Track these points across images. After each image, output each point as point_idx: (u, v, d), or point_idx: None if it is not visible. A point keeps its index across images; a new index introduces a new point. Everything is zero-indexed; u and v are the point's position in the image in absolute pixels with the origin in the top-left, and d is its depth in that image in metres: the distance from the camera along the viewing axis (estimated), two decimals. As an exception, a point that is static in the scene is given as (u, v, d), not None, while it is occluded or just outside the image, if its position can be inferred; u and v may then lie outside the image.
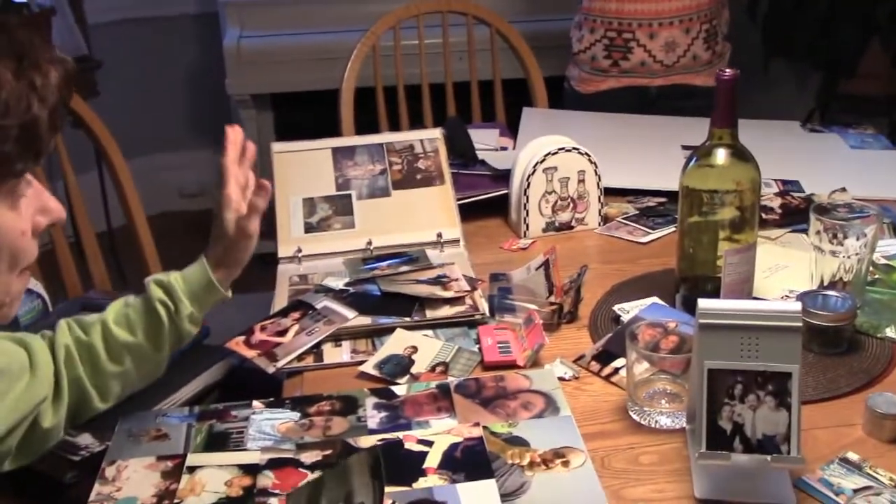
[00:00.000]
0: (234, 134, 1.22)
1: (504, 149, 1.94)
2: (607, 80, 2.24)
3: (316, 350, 1.27)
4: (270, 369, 1.23)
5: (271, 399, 1.17)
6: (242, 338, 1.29)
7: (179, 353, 1.23)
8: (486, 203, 1.67)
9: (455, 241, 1.55)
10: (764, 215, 1.56)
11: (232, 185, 1.19)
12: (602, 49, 2.21)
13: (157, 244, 1.84)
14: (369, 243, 1.53)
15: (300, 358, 1.25)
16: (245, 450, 1.07)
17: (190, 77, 3.69)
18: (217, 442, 1.09)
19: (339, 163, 1.62)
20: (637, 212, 1.66)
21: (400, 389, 1.17)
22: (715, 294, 1.23)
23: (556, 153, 1.56)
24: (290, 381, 1.23)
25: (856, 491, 0.93)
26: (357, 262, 1.48)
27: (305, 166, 1.62)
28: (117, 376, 1.12)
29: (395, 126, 2.23)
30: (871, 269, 1.32)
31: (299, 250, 1.52)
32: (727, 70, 1.17)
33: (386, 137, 1.68)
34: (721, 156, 1.21)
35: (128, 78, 3.47)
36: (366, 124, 2.16)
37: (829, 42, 3.09)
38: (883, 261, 1.38)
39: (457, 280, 1.39)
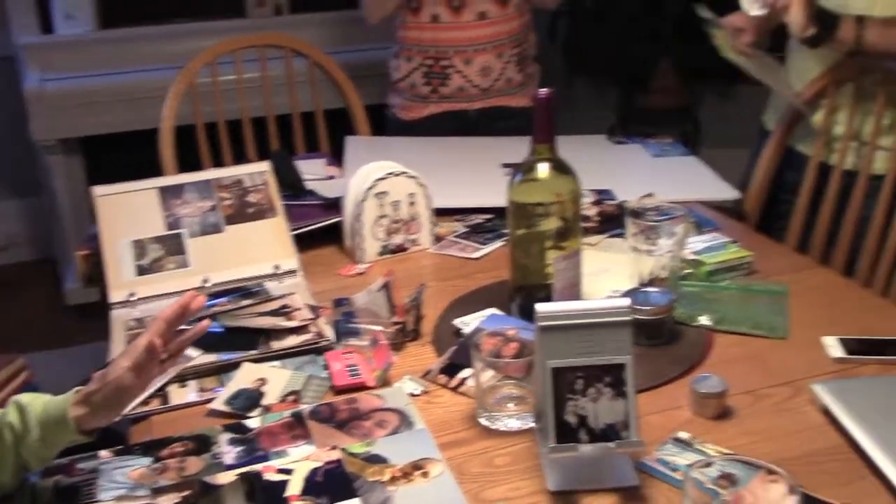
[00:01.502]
0: (191, 300, 1.08)
1: (332, 177, 1.96)
2: (428, 107, 2.31)
3: (161, 393, 1.24)
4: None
5: (119, 447, 1.14)
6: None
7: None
8: (320, 232, 1.69)
9: (293, 272, 1.56)
10: (583, 224, 1.66)
11: (149, 336, 1.05)
12: (421, 76, 2.28)
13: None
14: (206, 280, 1.51)
15: (145, 402, 1.22)
16: (98, 502, 1.03)
17: (-14, 124, 3.50)
18: (65, 498, 1.05)
19: (167, 202, 1.60)
20: (467, 229, 1.73)
21: (253, 422, 1.17)
22: (548, 300, 1.31)
23: (385, 178, 1.60)
24: (137, 428, 1.19)
25: (689, 465, 1.02)
26: (195, 301, 1.46)
27: (132, 208, 1.58)
28: None
29: (218, 163, 2.20)
30: (682, 264, 1.45)
31: (133, 294, 1.48)
32: (543, 90, 1.26)
33: (214, 174, 1.67)
34: (543, 170, 1.29)
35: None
36: (188, 163, 2.13)
37: (623, 60, 3.33)
38: (692, 256, 1.50)
39: (299, 309, 1.40)
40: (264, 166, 1.69)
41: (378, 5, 2.26)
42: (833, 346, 1.27)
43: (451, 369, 1.26)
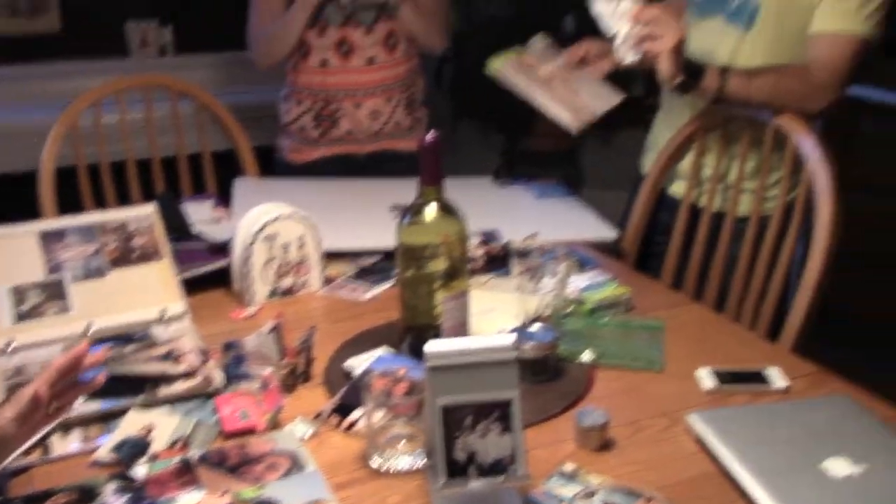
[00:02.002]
0: (86, 352, 1.05)
1: (219, 220, 1.95)
2: (318, 150, 2.33)
3: (43, 443, 1.20)
4: (-9, 471, 1.15)
5: (-2, 501, 1.10)
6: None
7: None
8: (208, 275, 1.68)
9: (180, 316, 1.54)
10: (470, 264, 1.71)
11: (35, 386, 1.01)
12: (311, 120, 2.30)
13: None
14: (89, 326, 1.48)
15: (26, 453, 1.18)
16: (-26, 559, 0.99)
17: None
18: (-61, 557, 1.00)
19: (47, 246, 1.55)
20: (357, 271, 1.75)
21: (140, 471, 1.14)
22: (437, 339, 1.33)
23: (275, 220, 1.61)
24: (17, 481, 1.15)
25: (574, 496, 1.06)
26: (77, 348, 1.42)
27: (9, 253, 1.53)
28: None
29: (101, 206, 2.16)
30: (565, 302, 1.50)
31: (11, 342, 1.44)
32: (429, 134, 1.30)
33: (97, 217, 1.64)
34: (431, 212, 1.32)
35: None
36: (69, 206, 2.07)
37: (507, 104, 3.42)
38: (574, 294, 1.56)
39: (188, 354, 1.38)
40: (150, 209, 1.66)
41: (268, 53, 2.28)
42: (706, 378, 1.35)
43: (342, 410, 1.27)
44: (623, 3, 1.68)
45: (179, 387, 1.31)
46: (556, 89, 1.89)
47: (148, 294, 1.55)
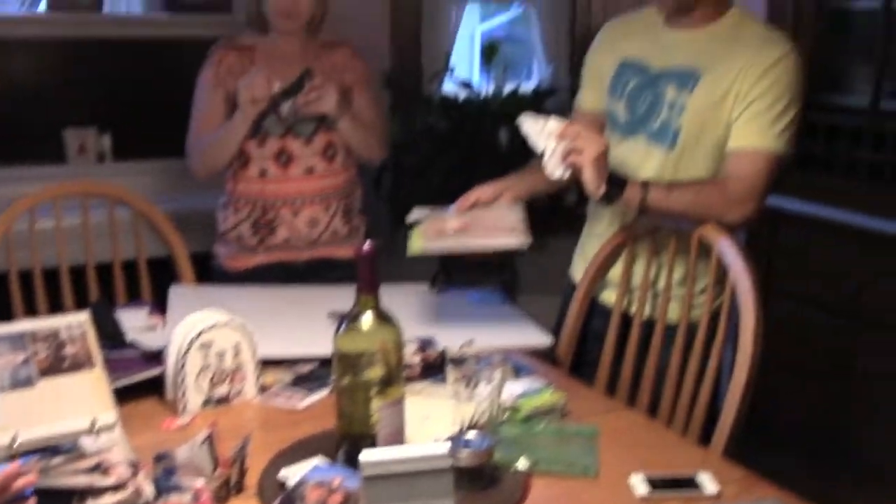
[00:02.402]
0: (17, 474, 1.05)
1: (154, 327, 1.93)
2: (256, 257, 2.34)
3: (-40, 562, 1.16)
4: None
5: None
6: None
7: None
8: (141, 384, 1.65)
9: (111, 426, 1.50)
10: (407, 371, 1.72)
11: None
12: (249, 227, 2.32)
13: None
14: (15, 438, 1.43)
15: (-59, 574, 1.13)
16: None
17: None
18: None
19: (-26, 355, 1.52)
20: (293, 379, 1.74)
21: (63, 590, 1.10)
22: (373, 447, 1.33)
23: (210, 328, 1.61)
24: None
25: None
26: (1, 461, 1.38)
27: (-67, 362, 1.50)
28: None
29: (32, 313, 2.12)
30: (501, 409, 1.52)
31: (-70, 455, 1.39)
32: (366, 243, 1.33)
33: (27, 325, 1.61)
34: (367, 320, 1.34)
35: None
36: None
37: (444, 213, 3.49)
38: (509, 402, 1.58)
39: (117, 465, 1.35)
40: (82, 317, 1.64)
41: (208, 163, 2.31)
42: (639, 484, 1.36)
43: (275, 522, 1.25)
44: (550, 122, 1.76)
45: (108, 500, 1.27)
46: (479, 228, 1.94)
47: (78, 404, 1.52)
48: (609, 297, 2.03)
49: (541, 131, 1.79)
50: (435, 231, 1.93)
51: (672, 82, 1.89)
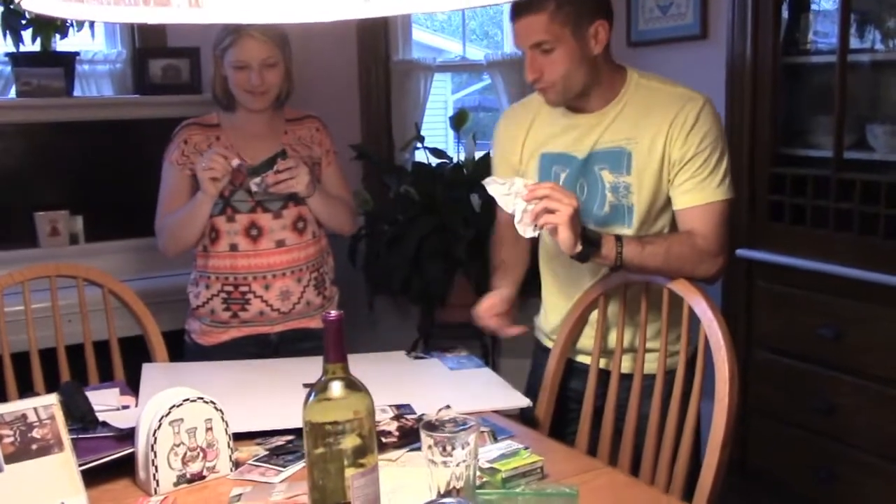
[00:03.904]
0: None
1: (126, 407, 1.90)
2: (229, 331, 2.32)
3: None
4: None
5: None
6: None
7: None
8: (112, 465, 1.62)
9: (80, 510, 1.47)
10: (383, 439, 1.70)
11: None
12: (220, 302, 2.31)
13: None
14: (-20, 527, 1.40)
15: None
16: None
17: None
18: None
19: (-61, 443, 1.49)
20: (267, 452, 1.71)
21: None
22: (348, 519, 1.30)
23: (181, 405, 1.58)
24: None
25: None
26: (-34, 551, 1.34)
27: None
28: None
29: (2, 397, 2.08)
30: (478, 473, 1.49)
31: None
32: (332, 312, 1.32)
33: (-6, 409, 1.58)
34: (336, 388, 1.33)
35: None
36: (-33, 399, 2.00)
37: (420, 279, 3.50)
38: (487, 465, 1.56)
39: (85, 550, 1.32)
40: (51, 399, 1.62)
41: (175, 241, 2.31)
42: (620, 543, 1.34)
43: None
44: (515, 183, 1.77)
45: (75, 587, 1.24)
46: None
47: (46, 488, 1.49)
48: (585, 356, 2.02)
49: (507, 193, 1.79)
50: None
51: (604, 166, 1.89)
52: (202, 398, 1.61)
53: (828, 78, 3.00)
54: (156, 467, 1.56)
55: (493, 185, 1.80)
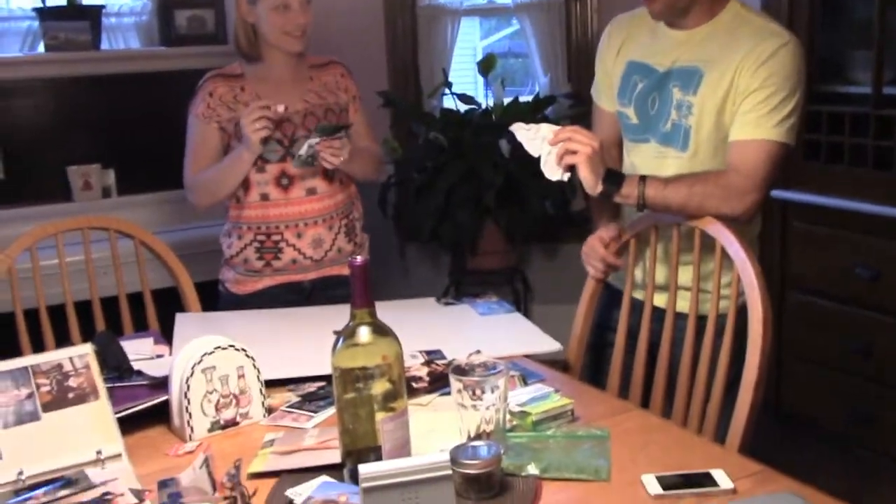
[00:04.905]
0: None
1: (160, 356, 1.93)
2: (262, 280, 2.34)
3: None
4: None
5: None
6: None
7: None
8: (148, 412, 1.65)
9: (117, 456, 1.50)
10: (414, 384, 1.70)
11: None
12: (254, 252, 2.32)
13: None
14: (21, 473, 1.43)
15: None
16: None
17: None
18: None
19: (-22, 393, 1.52)
20: (299, 399, 1.73)
21: None
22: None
23: (212, 353, 1.60)
24: None
25: None
26: (7, 496, 1.38)
27: (-62, 402, 1.50)
28: None
29: (39, 350, 2.12)
30: (508, 417, 1.50)
31: (-63, 495, 1.38)
32: (358, 257, 1.32)
33: (30, 360, 1.60)
34: (364, 334, 1.33)
35: None
36: (5, 352, 2.03)
37: (450, 226, 3.49)
38: (517, 408, 1.56)
39: (122, 495, 1.34)
40: (86, 349, 1.64)
41: (208, 196, 2.31)
42: (651, 484, 1.34)
43: (283, 543, 1.23)
44: (542, 128, 1.77)
45: (113, 530, 1.27)
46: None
47: (83, 436, 1.51)
48: (622, 283, 2.01)
49: (534, 138, 1.79)
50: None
51: (677, 83, 1.88)
52: (233, 346, 1.62)
53: (867, 11, 2.91)
54: (189, 414, 1.58)
55: (520, 131, 1.80)
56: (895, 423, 2.85)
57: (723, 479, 1.34)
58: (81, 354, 1.62)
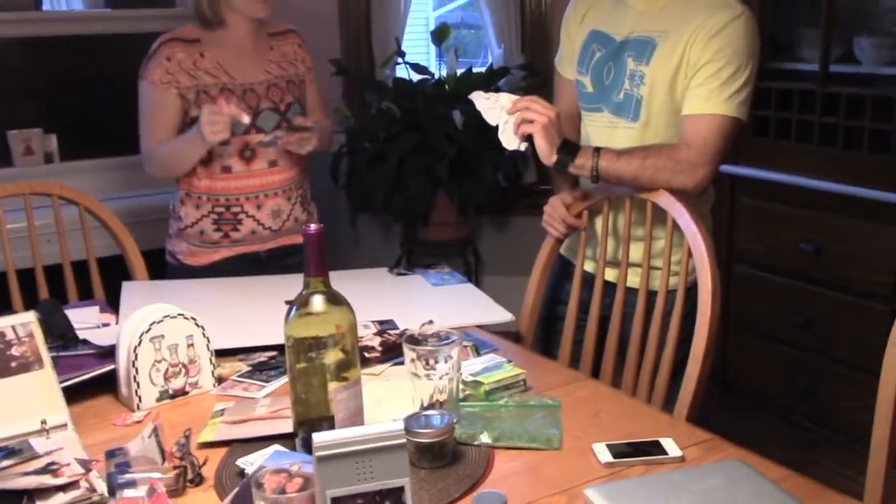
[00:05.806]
0: None
1: (107, 325, 1.89)
2: (220, 251, 2.30)
3: None
4: None
5: None
6: None
7: None
8: (94, 382, 1.61)
9: (62, 426, 1.47)
10: (367, 354, 1.70)
11: None
12: (211, 223, 2.28)
13: None
14: (-38, 444, 1.39)
15: None
16: None
17: None
18: None
19: (-84, 362, 1.47)
20: (250, 368, 1.71)
21: None
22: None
23: (161, 321, 1.57)
24: None
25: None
26: (-51, 467, 1.34)
27: None
28: None
29: (-19, 317, 2.06)
30: (461, 386, 1.50)
31: None
32: (312, 225, 1.30)
33: (-29, 328, 1.57)
34: (318, 302, 1.31)
35: None
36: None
37: (402, 197, 3.47)
38: (470, 378, 1.56)
39: (68, 465, 1.31)
40: (29, 317, 1.60)
41: (166, 169, 2.26)
42: (602, 452, 1.35)
43: (234, 512, 1.22)
44: (501, 97, 1.78)
45: (59, 499, 1.24)
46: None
47: (27, 405, 1.48)
48: (574, 256, 2.02)
49: (493, 107, 1.80)
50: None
51: (632, 53, 1.88)
52: (182, 314, 1.60)
53: (815, -11, 2.95)
54: (137, 383, 1.56)
55: (479, 100, 1.81)
56: (835, 394, 2.93)
57: (672, 448, 1.36)
58: (24, 323, 1.58)
